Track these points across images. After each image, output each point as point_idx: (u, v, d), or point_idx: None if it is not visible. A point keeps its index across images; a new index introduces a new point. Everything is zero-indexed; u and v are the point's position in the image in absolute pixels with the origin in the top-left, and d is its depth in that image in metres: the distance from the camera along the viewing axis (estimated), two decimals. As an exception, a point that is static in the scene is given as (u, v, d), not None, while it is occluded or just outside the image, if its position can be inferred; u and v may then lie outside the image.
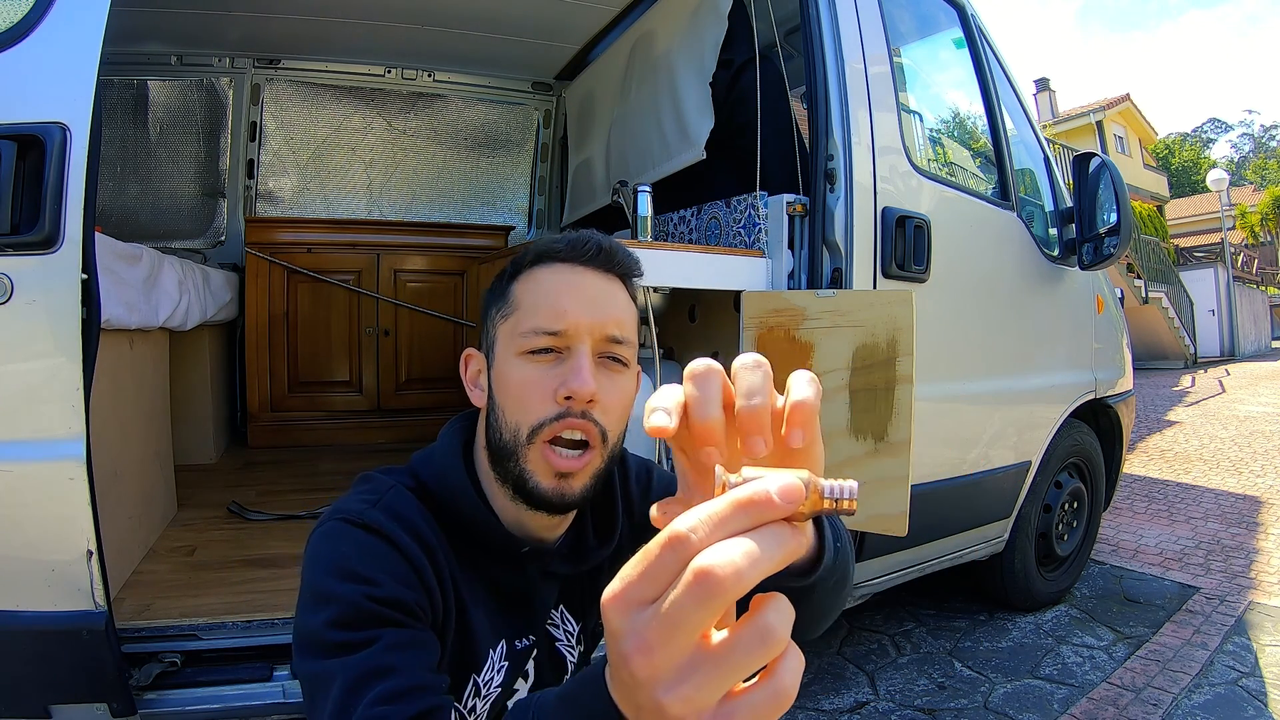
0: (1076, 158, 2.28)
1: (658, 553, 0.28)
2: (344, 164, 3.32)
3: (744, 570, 0.27)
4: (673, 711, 0.28)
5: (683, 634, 0.28)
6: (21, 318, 1.01)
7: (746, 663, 0.28)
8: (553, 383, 0.63)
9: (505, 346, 0.67)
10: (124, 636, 1.17)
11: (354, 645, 0.54)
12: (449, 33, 2.85)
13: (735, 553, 0.27)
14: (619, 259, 0.70)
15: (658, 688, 0.28)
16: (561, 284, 0.66)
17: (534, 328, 0.64)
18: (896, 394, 1.37)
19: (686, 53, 2.18)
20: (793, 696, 0.29)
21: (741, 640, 0.28)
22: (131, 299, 1.60)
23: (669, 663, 0.28)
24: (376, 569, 0.58)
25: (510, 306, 0.67)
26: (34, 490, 1.04)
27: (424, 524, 0.64)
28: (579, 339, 0.64)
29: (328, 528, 0.62)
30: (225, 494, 2.21)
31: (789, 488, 0.28)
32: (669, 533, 0.28)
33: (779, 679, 0.29)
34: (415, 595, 0.59)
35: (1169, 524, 3.28)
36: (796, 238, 1.72)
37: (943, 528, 1.90)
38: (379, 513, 0.62)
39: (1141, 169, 20.22)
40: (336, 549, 0.60)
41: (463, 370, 0.73)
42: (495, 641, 0.69)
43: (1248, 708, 1.72)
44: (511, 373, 0.65)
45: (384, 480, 0.68)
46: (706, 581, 0.26)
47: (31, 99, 1.03)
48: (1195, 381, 10.03)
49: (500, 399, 0.66)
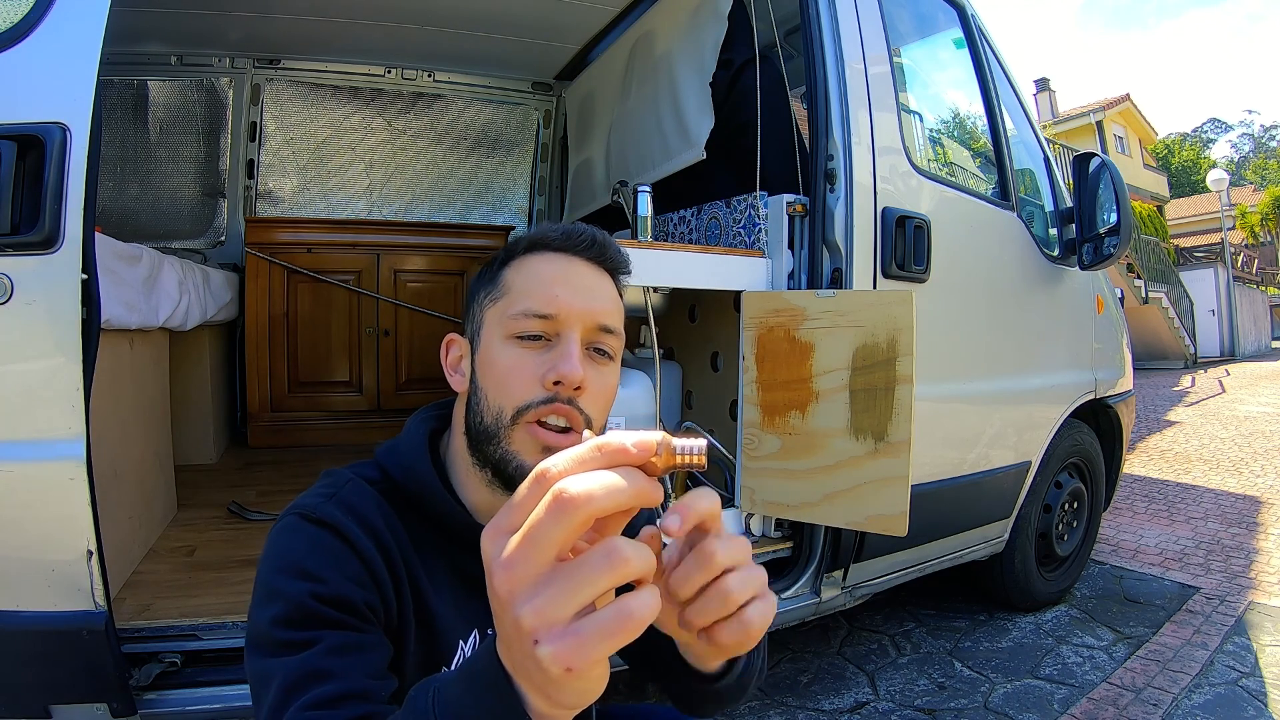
0: (1076, 158, 2.28)
1: (525, 488, 0.33)
2: (344, 164, 3.32)
3: (596, 494, 0.30)
4: (526, 624, 0.31)
5: (539, 550, 0.31)
6: (21, 318, 1.01)
7: (594, 579, 0.31)
8: (540, 368, 0.63)
9: (493, 330, 0.66)
10: (124, 636, 1.17)
11: (296, 645, 0.54)
12: (449, 33, 2.85)
13: (589, 479, 0.31)
14: (611, 254, 0.69)
15: (515, 602, 0.31)
16: (555, 271, 0.66)
17: (525, 310, 0.64)
18: (896, 394, 1.37)
19: (686, 53, 2.18)
20: (639, 621, 0.31)
21: (590, 558, 0.31)
22: (131, 299, 1.60)
23: (527, 578, 0.31)
24: (326, 566, 0.57)
25: (500, 291, 0.67)
26: (34, 490, 1.04)
27: (380, 517, 0.63)
28: (569, 325, 0.64)
29: (285, 523, 0.61)
30: (225, 494, 2.21)
31: (643, 440, 0.33)
32: (535, 471, 0.32)
33: (626, 602, 0.31)
34: (365, 594, 0.58)
35: (1169, 524, 3.28)
36: (796, 238, 1.72)
37: (943, 528, 1.90)
38: (334, 507, 0.61)
39: (1141, 169, 20.22)
40: (289, 545, 0.59)
41: (443, 355, 0.72)
42: (466, 632, 0.68)
43: (1248, 708, 1.72)
44: (499, 356, 0.64)
45: (343, 474, 0.67)
46: (561, 499, 0.30)
47: (31, 99, 1.02)
48: (1195, 381, 10.03)
49: (484, 382, 0.65)
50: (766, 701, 1.80)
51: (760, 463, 1.59)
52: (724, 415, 2.09)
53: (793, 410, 1.52)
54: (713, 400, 2.16)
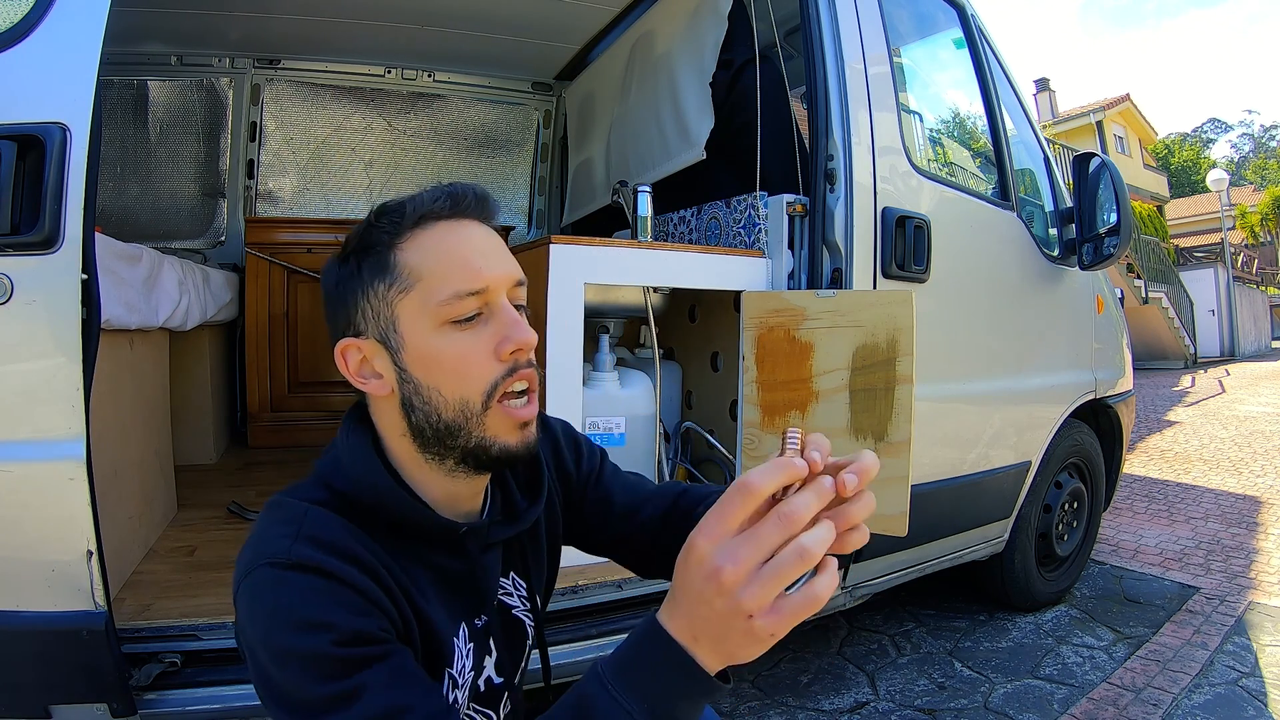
0: (1076, 158, 2.28)
1: (734, 498, 0.44)
2: (344, 164, 3.32)
3: (812, 506, 0.43)
4: (746, 605, 0.42)
5: (761, 551, 0.42)
6: (21, 318, 1.01)
7: (792, 569, 0.42)
8: (489, 343, 0.62)
9: (417, 322, 0.62)
10: (124, 636, 1.17)
11: (346, 696, 0.52)
12: (449, 33, 2.85)
13: (804, 500, 0.43)
14: (491, 205, 0.67)
15: (738, 589, 0.42)
16: (460, 241, 0.63)
17: (455, 293, 0.60)
18: (896, 394, 1.36)
19: (686, 53, 2.18)
20: (822, 600, 0.43)
21: (787, 556, 0.42)
22: (131, 299, 1.60)
23: (748, 571, 0.42)
24: (328, 610, 0.54)
25: (405, 279, 0.62)
26: (34, 490, 1.04)
27: (354, 541, 0.59)
28: (498, 293, 0.63)
29: (256, 579, 0.56)
30: (225, 494, 2.21)
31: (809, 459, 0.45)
32: (740, 482, 0.44)
33: (813, 586, 0.43)
34: (374, 621, 0.56)
35: (1169, 524, 3.28)
36: (796, 238, 1.72)
37: (943, 528, 1.90)
38: (305, 546, 0.57)
39: (1141, 169, 20.23)
40: (278, 601, 0.55)
41: (343, 365, 0.65)
42: (456, 629, 0.67)
43: (1248, 708, 1.72)
44: (441, 347, 0.61)
45: (295, 505, 0.61)
46: (784, 515, 0.43)
47: (31, 99, 1.02)
48: (1195, 381, 10.03)
49: (430, 379, 0.62)
50: (766, 702, 1.80)
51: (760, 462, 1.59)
52: (724, 415, 2.09)
53: (793, 410, 1.52)
54: (713, 400, 2.16)
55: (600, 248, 1.62)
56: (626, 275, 1.65)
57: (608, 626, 1.49)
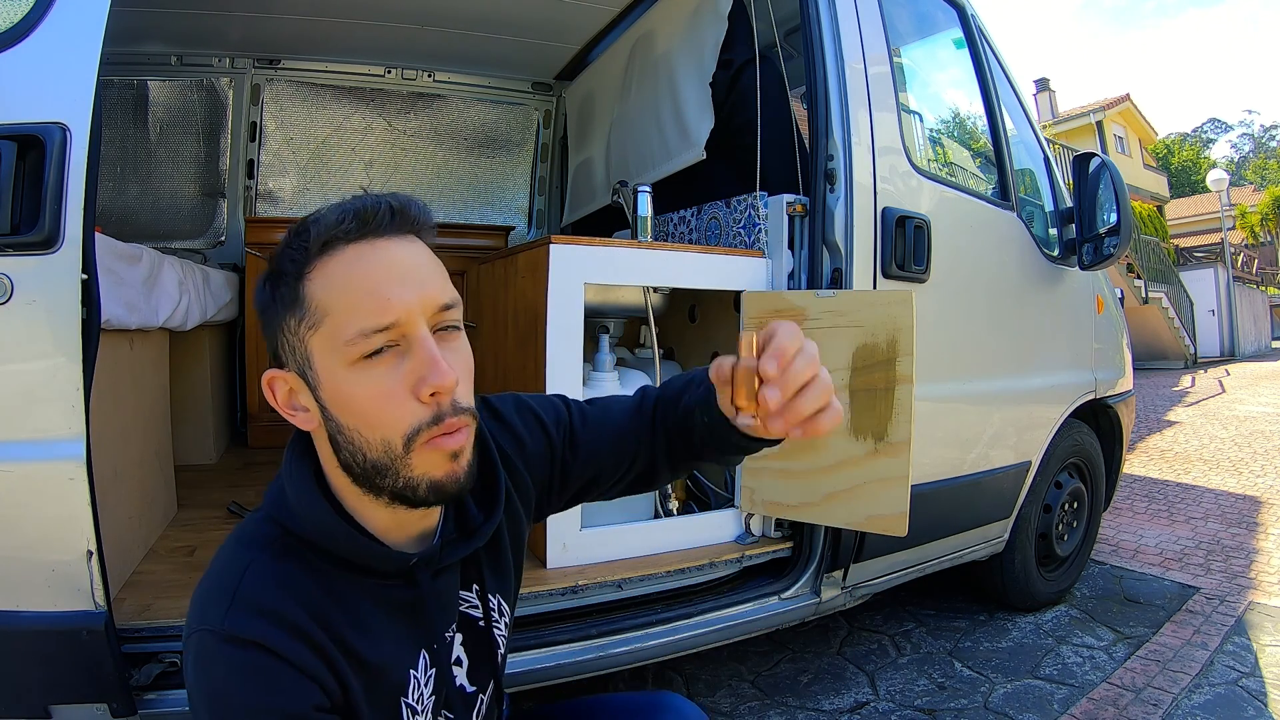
0: (1076, 158, 2.28)
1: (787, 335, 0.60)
2: (344, 164, 3.31)
3: None
4: None
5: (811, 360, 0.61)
6: (21, 318, 1.01)
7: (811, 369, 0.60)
8: (405, 383, 0.56)
9: (327, 360, 0.57)
10: (124, 636, 1.16)
11: None
12: (449, 33, 2.85)
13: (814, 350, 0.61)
14: (412, 215, 0.60)
15: None
16: (369, 269, 0.57)
17: (360, 330, 0.55)
18: (896, 394, 1.36)
19: (686, 53, 2.18)
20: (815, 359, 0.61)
21: (807, 348, 0.60)
22: (131, 299, 1.60)
23: None
24: (262, 694, 0.54)
25: (314, 314, 0.57)
26: (34, 490, 1.04)
27: (290, 599, 0.58)
28: (413, 324, 0.56)
29: (196, 645, 0.57)
30: (225, 494, 2.20)
31: None
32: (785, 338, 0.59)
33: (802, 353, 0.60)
34: (310, 698, 0.56)
35: (1169, 524, 3.28)
36: (796, 238, 1.72)
37: (943, 528, 1.90)
38: (240, 615, 0.56)
39: (1141, 169, 20.23)
40: (214, 684, 0.55)
41: (270, 396, 0.63)
42: (415, 658, 0.66)
43: (1248, 708, 1.72)
44: (352, 388, 0.57)
45: (237, 558, 0.60)
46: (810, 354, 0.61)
47: (31, 99, 1.02)
48: (1195, 381, 10.03)
49: (347, 420, 0.58)
50: (766, 701, 1.80)
51: (760, 462, 1.58)
52: (724, 415, 2.09)
53: (793, 410, 1.52)
54: (713, 400, 2.15)
55: (600, 248, 1.62)
56: (626, 275, 1.65)
57: (608, 626, 1.48)
